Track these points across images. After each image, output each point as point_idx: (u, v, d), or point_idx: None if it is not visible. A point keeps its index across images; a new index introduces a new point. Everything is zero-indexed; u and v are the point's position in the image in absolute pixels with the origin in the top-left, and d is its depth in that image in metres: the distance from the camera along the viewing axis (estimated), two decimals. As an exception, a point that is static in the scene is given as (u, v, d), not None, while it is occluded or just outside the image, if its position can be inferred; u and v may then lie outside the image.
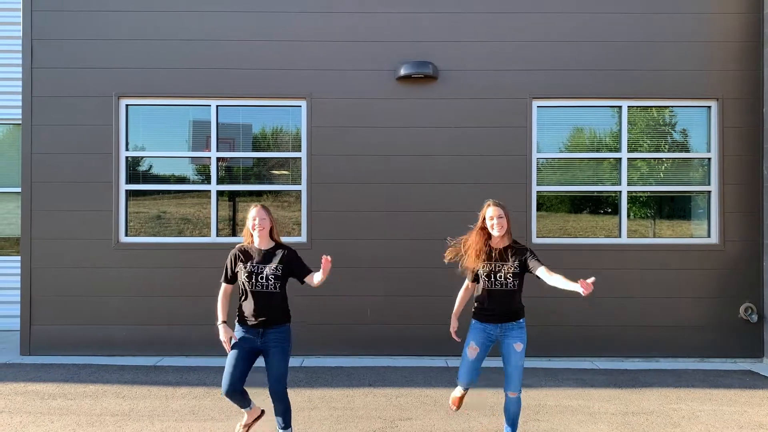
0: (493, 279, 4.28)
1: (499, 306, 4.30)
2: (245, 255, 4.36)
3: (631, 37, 7.23)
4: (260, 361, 4.36)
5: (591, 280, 3.96)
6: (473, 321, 4.41)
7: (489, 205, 4.35)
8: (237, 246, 4.45)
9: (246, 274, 4.28)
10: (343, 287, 7.07)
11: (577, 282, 4.02)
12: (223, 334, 4.34)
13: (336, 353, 7.11)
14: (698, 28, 7.25)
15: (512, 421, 4.38)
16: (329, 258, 4.17)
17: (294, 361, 6.83)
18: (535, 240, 7.18)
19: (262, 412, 4.53)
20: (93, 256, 7.12)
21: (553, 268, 3.98)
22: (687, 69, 7.23)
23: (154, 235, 7.29)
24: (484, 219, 4.34)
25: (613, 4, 7.25)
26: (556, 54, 7.22)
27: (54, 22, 7.17)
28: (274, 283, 4.27)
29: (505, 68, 7.20)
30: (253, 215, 4.34)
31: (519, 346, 4.28)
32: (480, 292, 4.37)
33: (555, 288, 7.36)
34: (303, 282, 4.41)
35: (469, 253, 4.34)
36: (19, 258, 8.43)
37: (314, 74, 7.18)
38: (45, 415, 5.13)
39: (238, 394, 4.27)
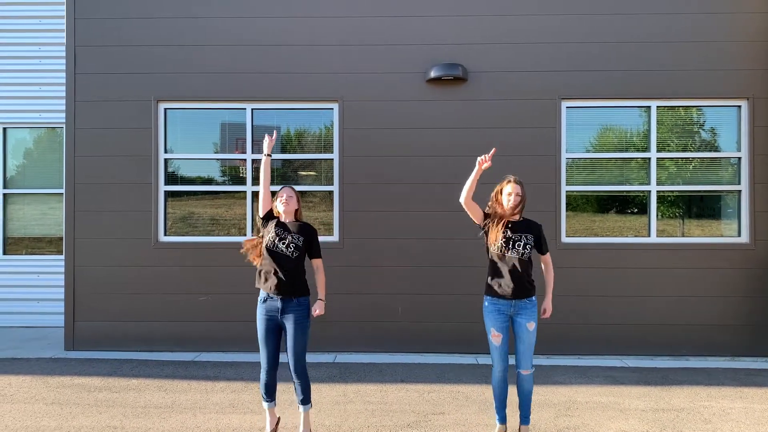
0: (506, 250, 4.40)
1: (511, 280, 4.38)
2: (276, 222, 4.62)
3: (660, 37, 7.26)
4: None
5: (546, 315, 4.58)
6: (486, 302, 4.50)
7: (509, 181, 4.49)
8: None
9: (270, 237, 4.50)
10: (375, 286, 7.24)
11: (546, 298, 4.63)
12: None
13: (368, 350, 7.26)
14: (727, 27, 7.25)
15: (525, 401, 4.48)
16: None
17: (327, 357, 7.01)
18: (565, 239, 7.25)
19: (279, 419, 4.72)
20: (133, 255, 7.37)
21: (584, 267, 4.06)
22: (716, 69, 7.24)
23: (192, 235, 7.52)
24: (500, 192, 4.49)
25: (641, 6, 7.29)
26: (585, 55, 7.28)
27: (96, 30, 7.42)
28: (293, 251, 4.47)
29: (534, 69, 7.28)
30: (279, 192, 4.62)
31: (531, 325, 4.42)
32: (493, 266, 4.47)
33: (583, 288, 7.46)
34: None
35: (493, 223, 4.47)
36: (56, 257, 8.80)
37: (346, 77, 7.34)
38: (93, 407, 5.36)
39: (274, 376, 4.52)
